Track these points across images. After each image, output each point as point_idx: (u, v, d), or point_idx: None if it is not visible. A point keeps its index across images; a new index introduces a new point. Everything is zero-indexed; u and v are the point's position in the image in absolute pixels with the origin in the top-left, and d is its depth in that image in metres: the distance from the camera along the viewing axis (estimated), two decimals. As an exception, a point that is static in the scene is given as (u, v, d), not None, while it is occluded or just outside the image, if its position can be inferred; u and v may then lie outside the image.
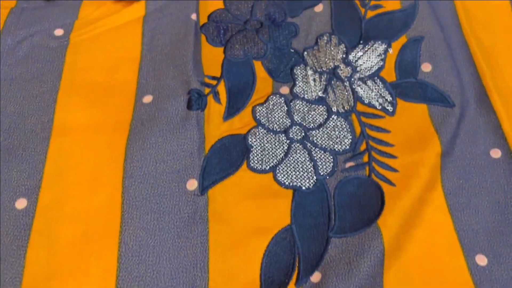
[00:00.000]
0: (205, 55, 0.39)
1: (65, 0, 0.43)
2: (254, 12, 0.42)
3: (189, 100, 0.35)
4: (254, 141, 0.34)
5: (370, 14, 0.40)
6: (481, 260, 0.29)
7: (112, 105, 0.36)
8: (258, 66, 0.39)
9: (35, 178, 0.32)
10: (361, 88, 0.37)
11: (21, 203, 0.31)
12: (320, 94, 0.37)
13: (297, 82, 0.38)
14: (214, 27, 0.41)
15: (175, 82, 0.36)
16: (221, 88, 0.37)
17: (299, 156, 0.34)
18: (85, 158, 0.33)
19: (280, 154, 0.34)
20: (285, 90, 0.37)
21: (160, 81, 0.37)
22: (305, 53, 0.39)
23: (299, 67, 0.38)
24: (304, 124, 0.35)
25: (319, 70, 0.38)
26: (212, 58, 0.39)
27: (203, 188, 0.32)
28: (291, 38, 0.40)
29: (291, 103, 0.37)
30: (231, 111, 0.36)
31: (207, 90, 0.36)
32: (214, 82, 0.37)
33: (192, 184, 0.32)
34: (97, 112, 0.35)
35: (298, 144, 0.34)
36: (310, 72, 0.38)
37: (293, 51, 0.39)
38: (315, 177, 0.33)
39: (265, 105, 0.36)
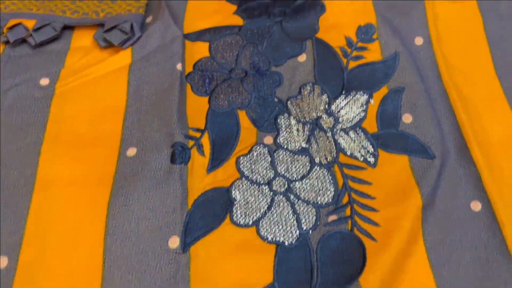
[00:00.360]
0: (190, 105, 0.39)
1: (52, 47, 0.43)
2: (239, 60, 0.42)
3: (173, 154, 0.35)
4: (238, 194, 0.35)
5: (352, 64, 0.41)
6: (462, 317, 0.30)
7: (96, 158, 0.36)
8: (242, 116, 0.39)
9: (17, 235, 0.32)
10: (343, 139, 0.37)
11: (2, 262, 0.31)
12: (303, 144, 0.37)
13: (280, 132, 0.38)
14: (200, 76, 0.41)
15: (159, 134, 0.37)
16: (205, 140, 0.37)
17: (282, 210, 0.34)
18: (67, 214, 0.33)
19: (264, 207, 0.34)
20: (269, 140, 0.38)
21: (145, 133, 0.37)
22: (289, 102, 0.40)
23: (282, 117, 0.39)
24: (288, 175, 0.36)
25: (302, 120, 0.39)
26: (197, 108, 0.39)
27: (185, 245, 0.32)
28: (275, 87, 0.41)
29: (275, 154, 0.37)
30: (215, 163, 0.36)
31: (191, 143, 0.37)
32: (198, 135, 0.37)
33: (174, 242, 0.32)
34: (80, 165, 0.35)
35: (281, 197, 0.35)
36: (293, 122, 0.39)
37: (277, 100, 0.40)
38: (298, 232, 0.33)
39: (248, 155, 0.37)
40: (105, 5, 0.46)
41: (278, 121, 0.39)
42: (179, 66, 0.41)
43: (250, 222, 0.33)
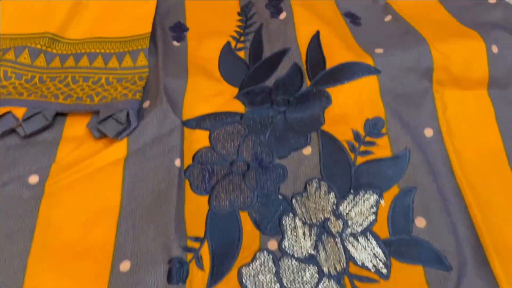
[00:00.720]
0: (188, 207, 0.37)
1: (43, 136, 0.41)
2: (240, 151, 0.40)
3: (169, 272, 0.32)
4: (240, 314, 0.32)
5: (360, 160, 0.39)
6: None
7: (86, 273, 0.33)
8: (244, 218, 0.37)
9: None
10: (353, 246, 0.35)
11: None
12: (310, 251, 0.35)
13: (285, 235, 0.36)
14: (199, 170, 0.39)
15: (155, 245, 0.34)
16: (205, 251, 0.34)
17: (289, 333, 0.31)
18: None
19: (269, 329, 0.31)
20: (273, 245, 0.35)
21: (140, 242, 0.34)
22: (294, 200, 0.37)
23: (287, 217, 0.37)
24: (294, 289, 0.33)
25: (308, 222, 0.36)
26: (196, 210, 0.37)
27: None
28: (279, 183, 0.38)
29: (280, 262, 0.34)
30: (215, 277, 0.33)
31: (189, 256, 0.34)
32: (197, 245, 0.35)
33: None
34: (69, 283, 0.32)
35: (287, 317, 0.32)
36: (299, 223, 0.36)
37: (281, 197, 0.38)
38: None
39: (251, 265, 0.34)
40: (100, 88, 0.44)
41: (283, 222, 0.36)
42: (177, 162, 0.38)
43: None
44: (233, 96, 0.44)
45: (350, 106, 0.40)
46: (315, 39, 0.44)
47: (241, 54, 0.47)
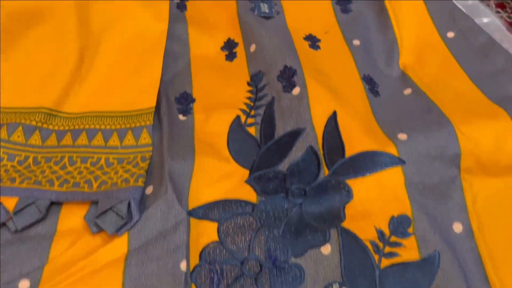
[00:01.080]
0: (195, 322, 0.33)
1: (35, 230, 0.37)
2: (252, 247, 0.37)
3: None
4: None
5: (385, 263, 0.35)
6: None
7: None
8: (258, 333, 0.33)
9: None
10: None
11: None
12: None
13: None
14: (207, 271, 0.35)
15: None
16: None
17: None
18: None
19: None
20: None
21: None
22: (312, 309, 0.34)
23: (306, 331, 0.33)
24: None
25: (329, 337, 0.33)
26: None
27: None
28: (296, 287, 0.35)
29: None
30: None
31: None
32: None
33: None
34: None
35: None
36: (319, 338, 0.33)
37: (298, 306, 0.34)
38: None
39: None
40: (99, 170, 0.41)
41: None
42: (183, 266, 0.35)
43: None
44: (243, 179, 0.40)
45: (373, 201, 0.37)
46: (332, 121, 0.41)
47: (252, 130, 0.44)
